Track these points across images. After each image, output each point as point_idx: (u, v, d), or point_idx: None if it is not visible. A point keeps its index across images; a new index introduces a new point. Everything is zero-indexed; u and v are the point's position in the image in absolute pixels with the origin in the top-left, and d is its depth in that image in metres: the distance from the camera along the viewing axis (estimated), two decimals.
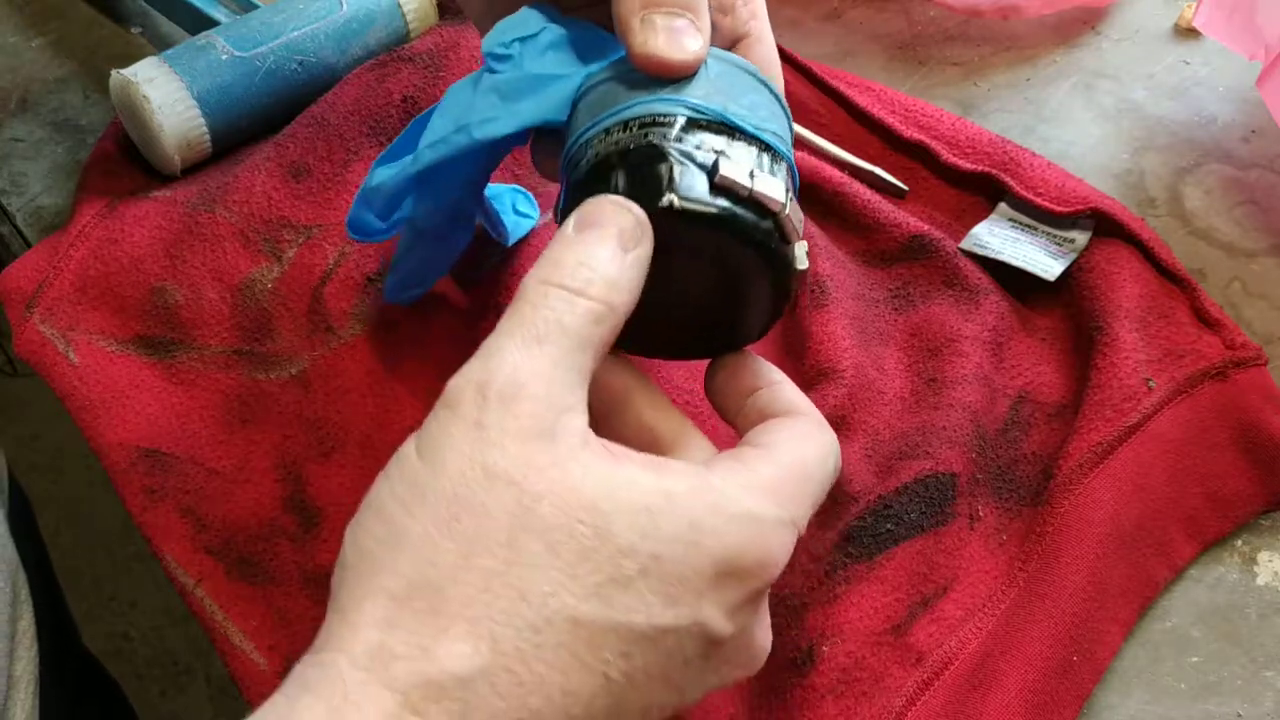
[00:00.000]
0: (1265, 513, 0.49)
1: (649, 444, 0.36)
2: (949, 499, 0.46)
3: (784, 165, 0.37)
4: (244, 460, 0.50)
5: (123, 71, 0.56)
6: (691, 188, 0.34)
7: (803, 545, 0.45)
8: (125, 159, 0.59)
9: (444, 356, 0.51)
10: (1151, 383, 0.49)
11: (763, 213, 0.35)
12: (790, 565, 0.45)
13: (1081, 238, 0.53)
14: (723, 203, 0.35)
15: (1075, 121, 0.61)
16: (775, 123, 0.38)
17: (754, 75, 0.39)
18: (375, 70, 0.58)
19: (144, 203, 0.56)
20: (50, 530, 0.69)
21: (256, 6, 0.61)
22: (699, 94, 0.36)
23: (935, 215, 0.56)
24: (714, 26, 0.41)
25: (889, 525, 0.46)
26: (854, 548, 0.45)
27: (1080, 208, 0.53)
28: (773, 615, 0.44)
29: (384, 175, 0.44)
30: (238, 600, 0.47)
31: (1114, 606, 0.46)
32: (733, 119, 0.36)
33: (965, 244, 0.54)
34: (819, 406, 0.47)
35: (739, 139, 0.36)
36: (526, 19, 0.41)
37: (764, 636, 0.35)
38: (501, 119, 0.40)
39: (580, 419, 0.32)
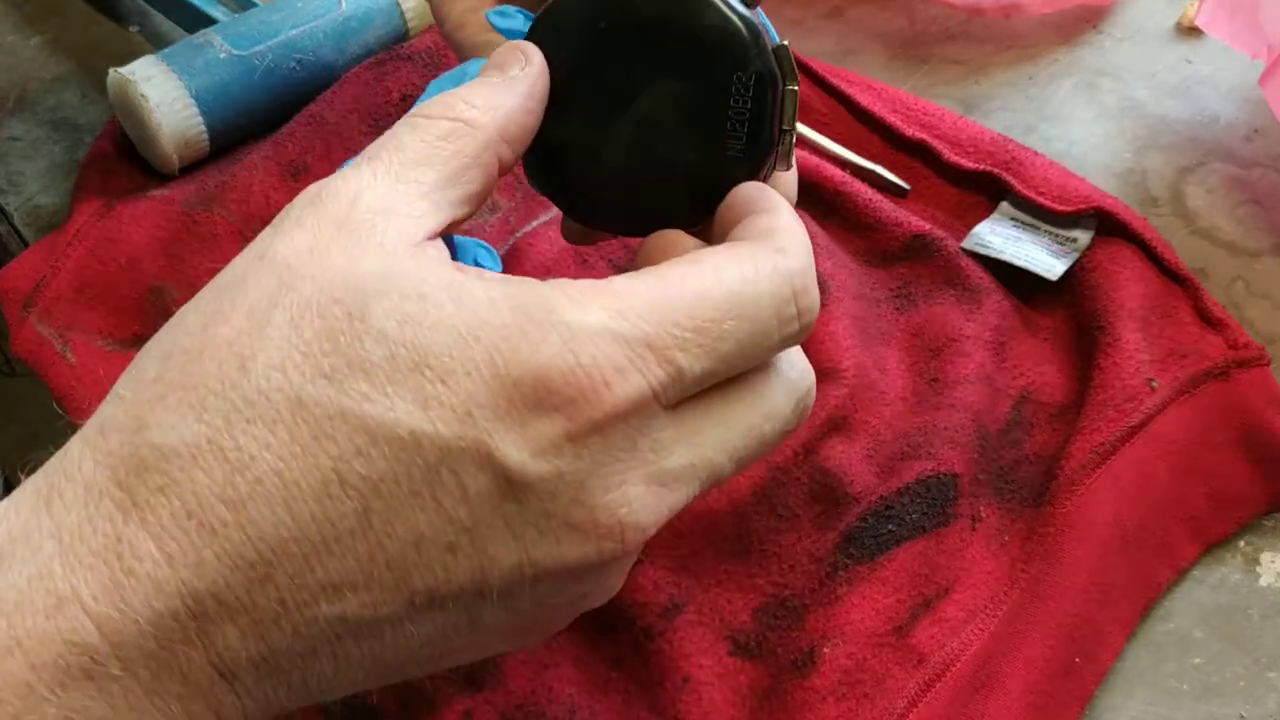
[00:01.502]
0: (1268, 513, 0.49)
1: None
2: (951, 499, 0.46)
3: None
4: None
5: (120, 70, 0.55)
6: None
7: (803, 546, 0.45)
8: (123, 158, 0.59)
9: None
10: (1154, 383, 0.48)
11: None
12: (791, 566, 0.45)
13: (1084, 237, 0.53)
14: None
15: (1077, 120, 0.61)
16: None
17: None
18: (374, 69, 0.58)
19: (142, 202, 0.56)
20: None
21: (255, 5, 0.61)
22: None
23: (937, 214, 0.56)
24: None
25: (890, 526, 0.45)
26: (855, 549, 0.45)
27: (1082, 207, 0.53)
28: (773, 617, 0.44)
29: None
30: None
31: (1116, 607, 0.46)
32: None
33: (967, 243, 0.54)
34: (820, 407, 0.47)
35: None
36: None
37: (619, 502, 0.27)
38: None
39: (405, 223, 0.28)
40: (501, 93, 0.31)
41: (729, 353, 0.28)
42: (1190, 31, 0.65)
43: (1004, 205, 0.55)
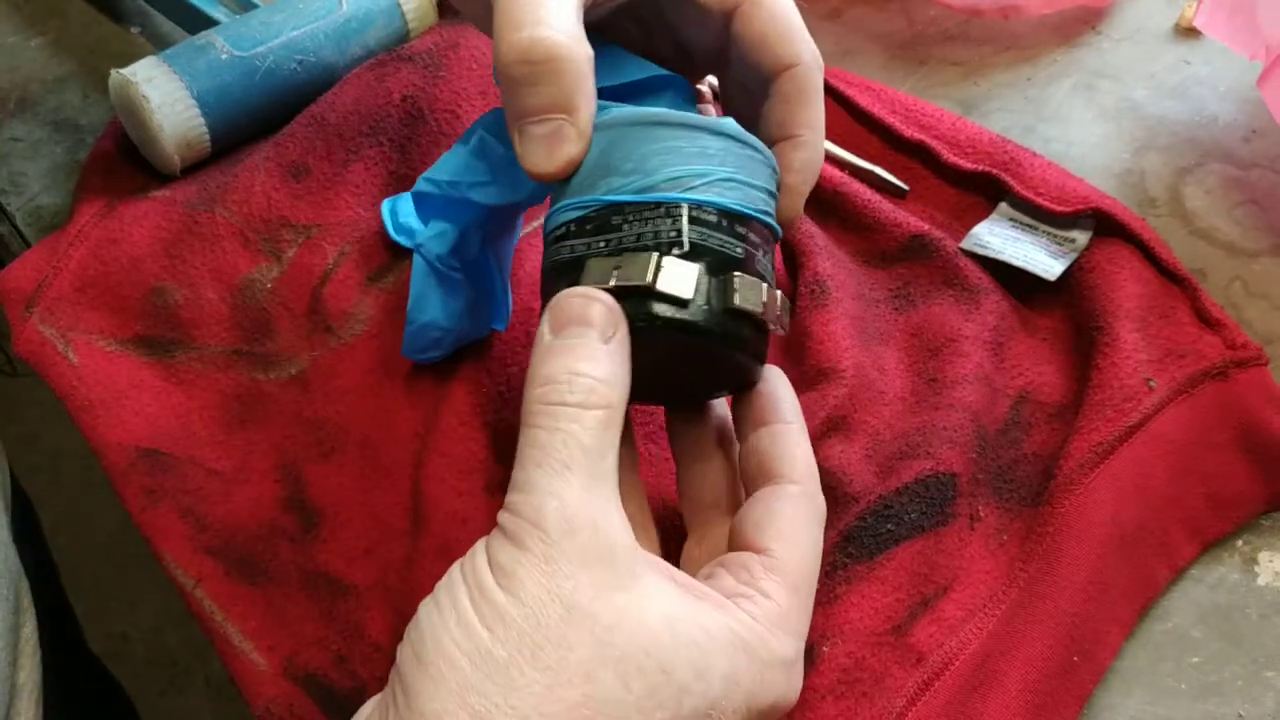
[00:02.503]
0: (1266, 513, 0.49)
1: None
2: (949, 499, 0.46)
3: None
4: (243, 460, 0.50)
5: (122, 71, 0.55)
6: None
7: None
8: (124, 159, 0.59)
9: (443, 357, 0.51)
10: (1152, 383, 0.49)
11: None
12: None
13: (1082, 237, 0.53)
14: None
15: (1076, 121, 0.61)
16: (739, 188, 0.38)
17: (733, 138, 0.38)
18: (375, 70, 0.58)
19: (143, 202, 0.56)
20: (49, 531, 0.69)
21: (256, 6, 0.61)
22: (650, 179, 0.37)
23: (935, 215, 0.56)
24: (705, 15, 0.41)
25: (889, 525, 0.46)
26: (854, 548, 0.45)
27: (1081, 207, 0.53)
28: None
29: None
30: (237, 600, 0.47)
31: (1115, 607, 0.46)
32: (688, 198, 0.37)
33: (966, 244, 0.54)
34: (819, 406, 0.48)
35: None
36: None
37: None
38: (490, 190, 0.43)
39: (625, 534, 0.34)
40: (616, 363, 0.35)
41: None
42: (1189, 32, 0.65)
43: (1002, 206, 0.55)
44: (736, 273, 0.37)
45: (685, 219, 0.36)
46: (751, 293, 0.37)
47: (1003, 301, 0.52)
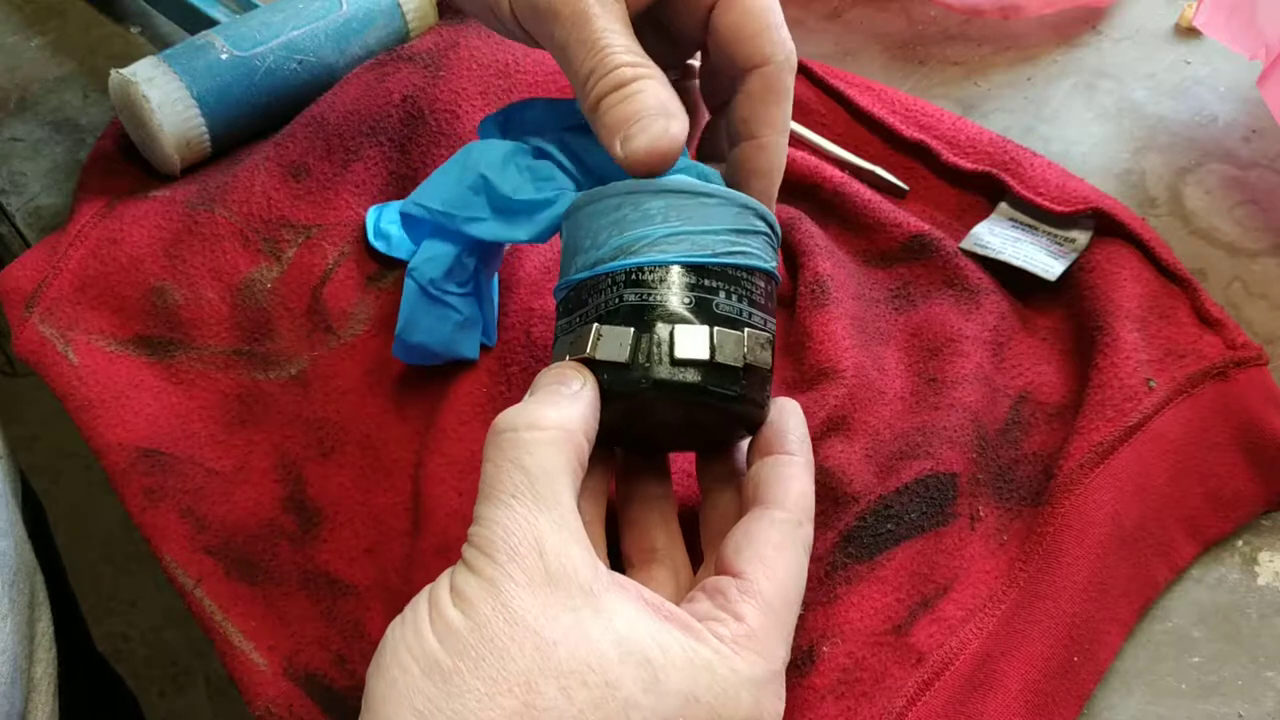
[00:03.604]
0: (1266, 513, 0.49)
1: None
2: (949, 499, 0.46)
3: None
4: (243, 460, 0.50)
5: (122, 71, 0.55)
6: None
7: None
8: (124, 159, 0.59)
9: None
10: (1152, 383, 0.49)
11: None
12: None
13: (1082, 237, 0.53)
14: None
15: (1076, 121, 0.61)
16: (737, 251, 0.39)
17: (756, 214, 0.40)
18: (375, 70, 0.58)
19: (143, 202, 0.56)
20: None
21: (256, 6, 0.61)
22: (658, 248, 0.39)
23: (936, 215, 0.56)
24: (684, 7, 0.43)
25: (889, 525, 0.46)
26: (854, 548, 0.45)
27: (1081, 207, 0.53)
28: None
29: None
30: (237, 600, 0.47)
31: (1115, 607, 0.46)
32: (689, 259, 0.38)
33: (966, 244, 0.54)
34: (819, 406, 0.48)
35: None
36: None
37: None
38: (486, 225, 0.44)
39: (578, 555, 0.35)
40: (572, 405, 0.37)
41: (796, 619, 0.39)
42: (1189, 32, 0.65)
43: (1002, 206, 0.55)
44: (678, 325, 0.38)
45: (623, 284, 0.38)
46: (692, 340, 0.38)
47: (1003, 301, 0.52)
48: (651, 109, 0.39)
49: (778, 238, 0.41)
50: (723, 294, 0.39)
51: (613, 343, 0.38)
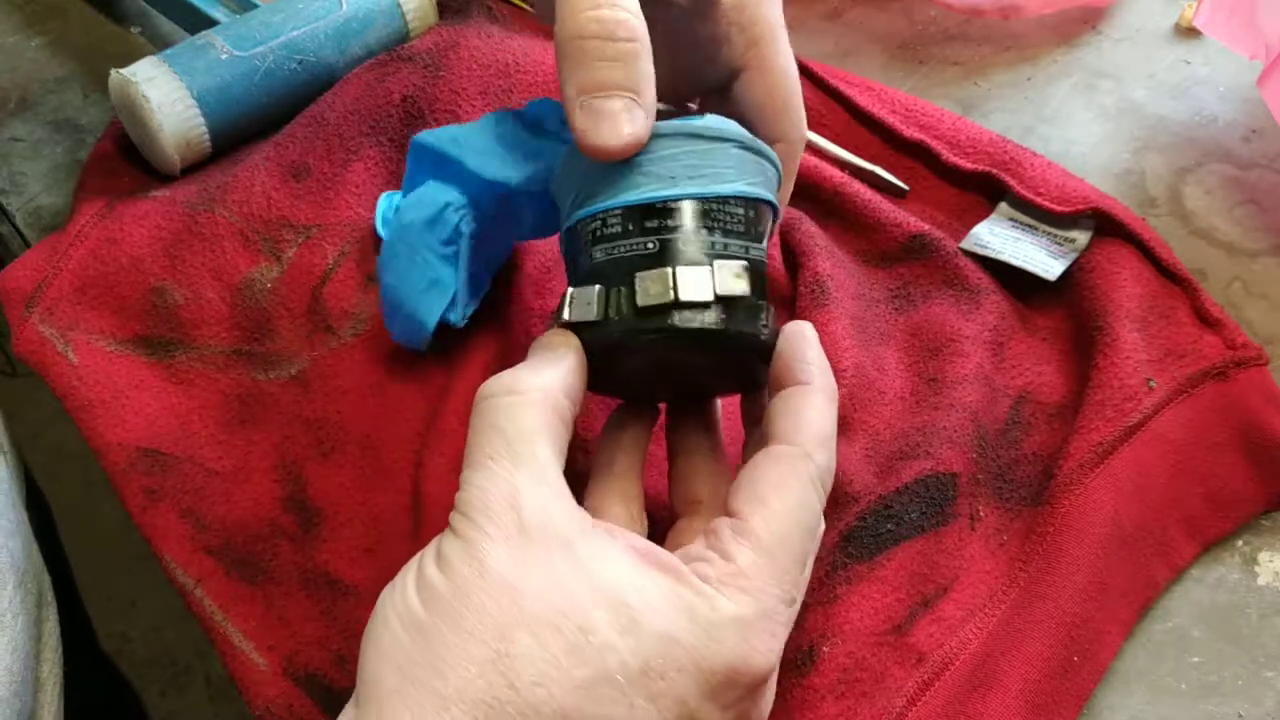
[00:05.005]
0: (1266, 513, 0.49)
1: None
2: (949, 499, 0.46)
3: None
4: (243, 460, 0.50)
5: (122, 71, 0.55)
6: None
7: None
8: (124, 159, 0.59)
9: (443, 357, 0.51)
10: (1152, 383, 0.49)
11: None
12: None
13: (1082, 237, 0.53)
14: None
15: (1076, 121, 0.61)
16: (735, 180, 0.39)
17: (722, 138, 0.39)
18: (375, 70, 0.58)
19: (143, 202, 0.56)
20: None
21: (256, 6, 0.61)
22: (652, 185, 0.38)
23: (936, 215, 0.56)
24: (708, 63, 0.42)
25: (889, 525, 0.46)
26: (854, 548, 0.45)
27: (1081, 207, 0.53)
28: None
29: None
30: (237, 600, 0.47)
31: (1114, 607, 0.46)
32: (678, 195, 0.38)
33: (966, 244, 0.54)
34: None
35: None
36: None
37: (762, 715, 0.37)
38: (485, 161, 0.44)
39: (556, 507, 0.35)
40: (551, 366, 0.38)
41: (806, 557, 0.37)
42: (1189, 32, 0.65)
43: (1002, 206, 0.55)
44: (639, 273, 0.37)
45: (590, 239, 0.39)
46: (655, 284, 0.37)
47: (1003, 301, 0.52)
48: (631, 82, 0.38)
49: (756, 166, 0.40)
50: (687, 231, 0.38)
51: (582, 303, 0.38)
